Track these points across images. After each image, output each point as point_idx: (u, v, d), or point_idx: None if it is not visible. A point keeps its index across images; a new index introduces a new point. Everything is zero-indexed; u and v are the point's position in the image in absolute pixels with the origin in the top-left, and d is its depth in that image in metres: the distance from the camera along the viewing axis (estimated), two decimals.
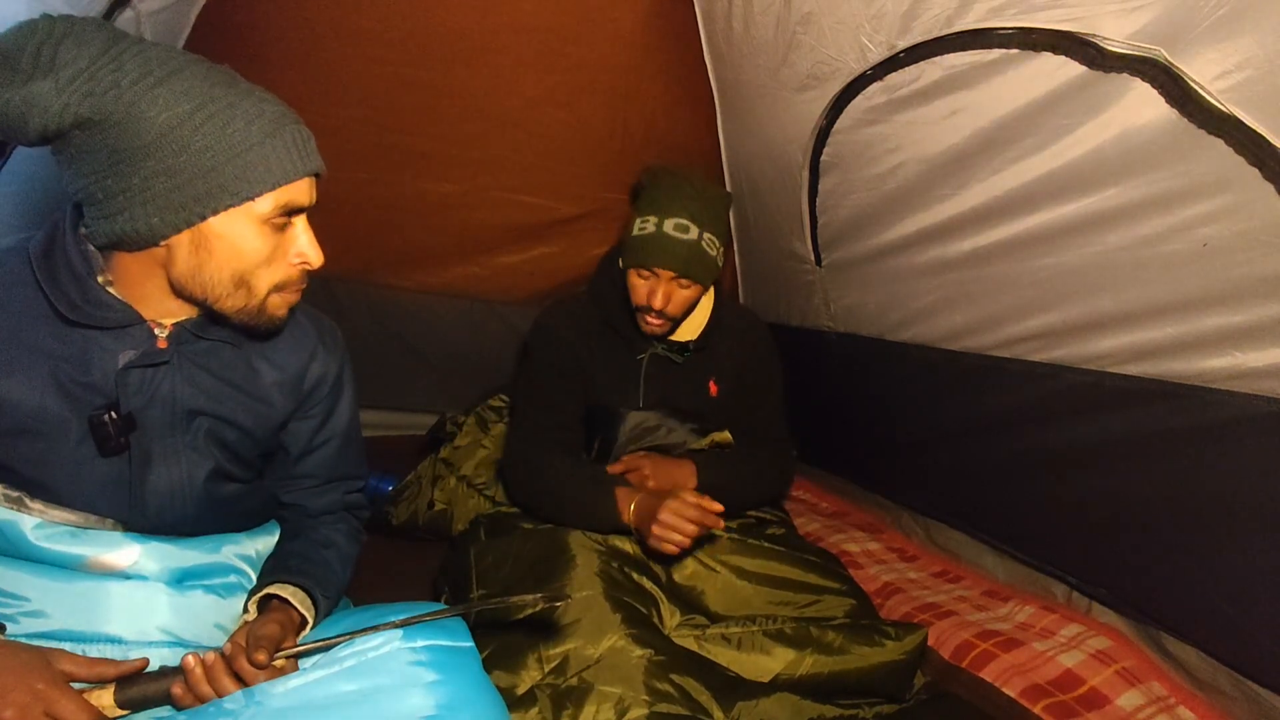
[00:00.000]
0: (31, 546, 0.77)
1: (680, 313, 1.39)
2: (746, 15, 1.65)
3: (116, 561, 0.79)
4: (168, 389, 0.82)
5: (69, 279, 0.78)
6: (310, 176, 0.81)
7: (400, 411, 2.38)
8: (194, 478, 0.85)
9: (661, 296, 1.35)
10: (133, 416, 0.80)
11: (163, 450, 0.83)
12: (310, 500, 1.01)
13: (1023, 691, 1.19)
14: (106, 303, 0.79)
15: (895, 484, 1.89)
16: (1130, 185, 1.04)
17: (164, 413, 0.82)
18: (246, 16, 1.81)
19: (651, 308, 1.36)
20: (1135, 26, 0.92)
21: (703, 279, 1.36)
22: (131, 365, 0.80)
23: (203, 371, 0.86)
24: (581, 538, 1.23)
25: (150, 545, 0.81)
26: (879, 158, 1.48)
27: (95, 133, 0.71)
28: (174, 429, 0.83)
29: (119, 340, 0.80)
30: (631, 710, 0.98)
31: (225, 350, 0.88)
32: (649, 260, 1.34)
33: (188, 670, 0.72)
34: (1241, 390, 1.03)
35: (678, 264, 1.33)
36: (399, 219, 2.23)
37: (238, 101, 0.75)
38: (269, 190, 0.77)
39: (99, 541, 0.79)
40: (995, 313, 1.39)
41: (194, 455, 0.85)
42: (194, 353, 0.85)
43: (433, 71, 2.01)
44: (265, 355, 0.92)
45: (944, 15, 1.15)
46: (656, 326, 1.39)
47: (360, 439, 1.06)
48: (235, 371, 0.89)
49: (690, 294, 1.37)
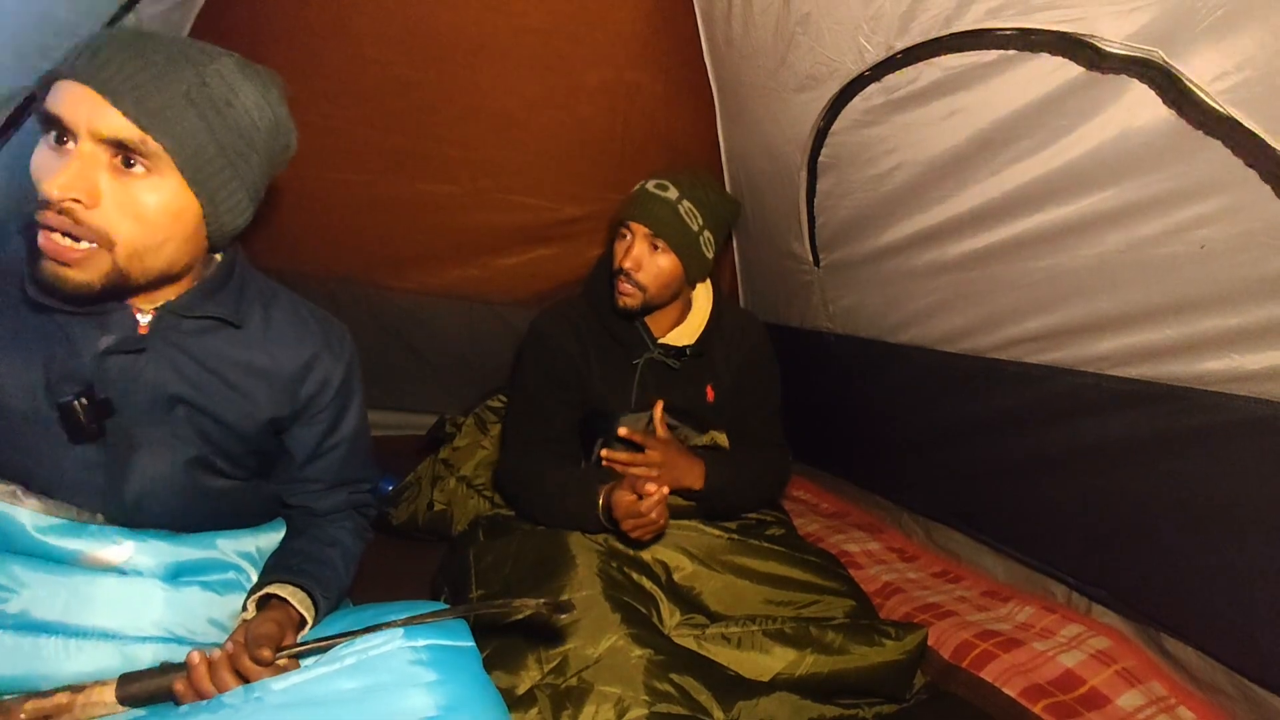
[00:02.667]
0: (29, 541, 0.77)
1: (652, 284, 1.36)
2: (746, 16, 1.65)
3: (111, 557, 0.79)
4: (149, 375, 0.81)
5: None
6: (78, 84, 0.69)
7: (400, 412, 2.38)
8: (174, 466, 0.83)
9: (632, 257, 1.33)
10: (109, 402, 0.78)
11: (143, 438, 0.82)
12: (316, 502, 1.00)
13: (1023, 691, 1.19)
14: None
15: (895, 484, 1.89)
16: (1128, 186, 1.04)
17: (145, 399, 0.81)
18: (246, 17, 1.81)
19: (621, 268, 1.35)
20: (1133, 27, 0.92)
21: (677, 245, 1.34)
22: (111, 350, 0.79)
23: (186, 357, 0.84)
24: (581, 538, 1.23)
25: (145, 541, 0.81)
26: (877, 159, 1.49)
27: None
28: (155, 416, 0.82)
29: (101, 325, 0.79)
30: (631, 710, 0.98)
31: (216, 334, 0.86)
32: (622, 213, 1.35)
33: (191, 666, 0.72)
34: (1240, 393, 1.03)
35: (648, 218, 1.33)
36: (398, 220, 2.23)
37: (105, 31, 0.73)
38: (43, 90, 0.70)
39: (94, 537, 0.79)
40: (994, 314, 1.39)
41: (175, 443, 0.83)
42: (179, 336, 0.83)
43: (432, 72, 2.00)
44: (261, 343, 0.90)
45: (942, 16, 1.15)
46: (626, 296, 1.37)
47: (368, 442, 1.05)
48: (222, 359, 0.86)
49: (664, 264, 1.36)
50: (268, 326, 0.91)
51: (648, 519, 1.16)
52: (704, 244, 1.39)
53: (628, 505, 1.16)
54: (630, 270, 1.35)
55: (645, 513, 1.15)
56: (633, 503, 1.15)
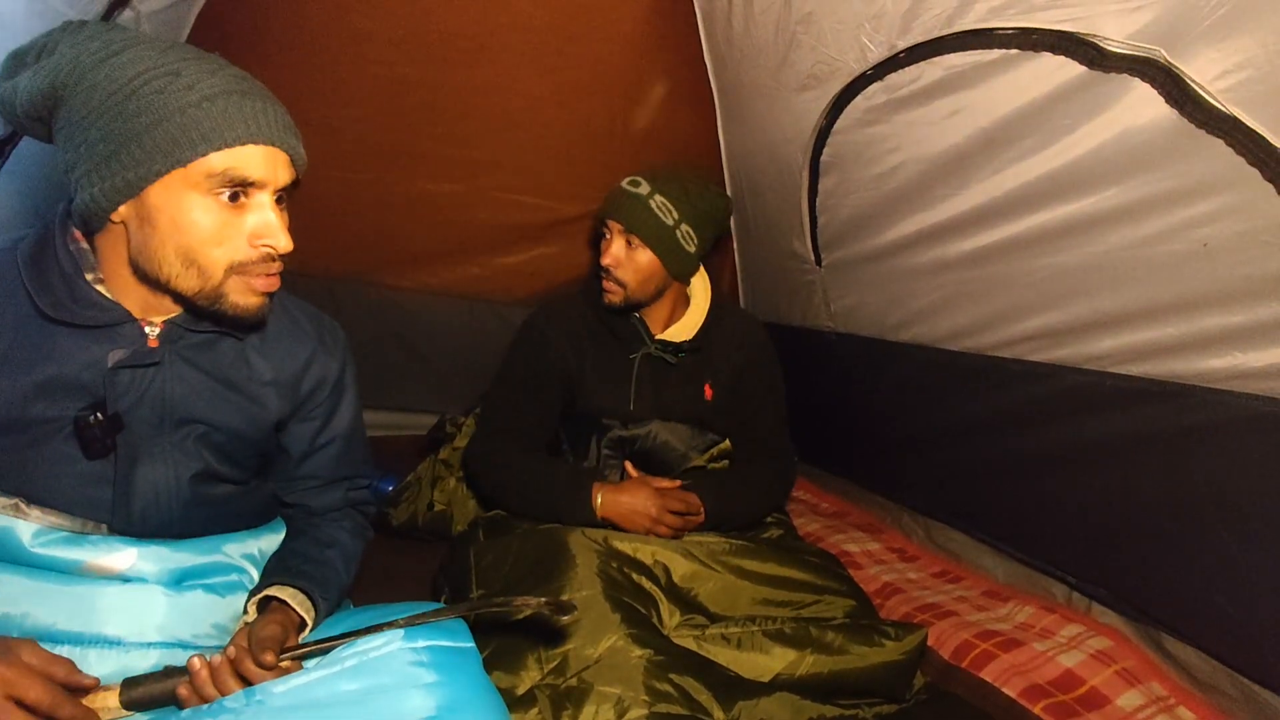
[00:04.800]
0: (29, 553, 0.77)
1: (632, 279, 1.40)
2: (746, 15, 1.65)
3: (113, 565, 0.79)
4: (158, 389, 0.81)
5: (58, 278, 0.77)
6: (264, 147, 0.75)
7: (400, 412, 2.38)
8: (180, 479, 0.84)
9: (611, 255, 1.39)
10: (119, 417, 0.79)
11: (149, 451, 0.82)
12: (313, 500, 1.01)
13: (1023, 692, 1.19)
14: (95, 301, 0.78)
15: (895, 484, 1.89)
16: (1130, 185, 1.04)
17: (152, 413, 0.81)
18: (246, 16, 1.81)
19: (602, 265, 1.40)
20: (1135, 27, 0.92)
21: (650, 240, 1.38)
22: (122, 365, 0.79)
23: (194, 369, 0.84)
24: (581, 538, 1.22)
25: (147, 548, 0.81)
26: (879, 158, 1.48)
27: (61, 109, 0.72)
28: (161, 430, 0.82)
29: (109, 340, 0.79)
30: (631, 710, 0.98)
31: (220, 345, 0.87)
32: (600, 212, 1.42)
33: (193, 672, 0.72)
34: (1242, 390, 1.03)
35: (620, 213, 1.38)
36: (399, 219, 2.23)
37: (184, 68, 0.72)
38: (200, 156, 0.72)
39: (95, 545, 0.79)
40: (995, 313, 1.39)
41: (180, 456, 0.84)
42: (186, 350, 0.84)
43: (432, 71, 2.00)
44: (262, 352, 0.91)
45: (944, 15, 1.15)
46: (610, 293, 1.42)
47: (363, 438, 1.05)
48: (229, 369, 0.87)
49: (642, 259, 1.39)
50: (264, 333, 0.91)
51: (669, 521, 1.32)
52: (682, 237, 1.40)
53: (658, 506, 1.33)
54: (611, 267, 1.39)
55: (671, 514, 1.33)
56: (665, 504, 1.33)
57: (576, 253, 2.31)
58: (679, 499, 1.35)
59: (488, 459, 1.46)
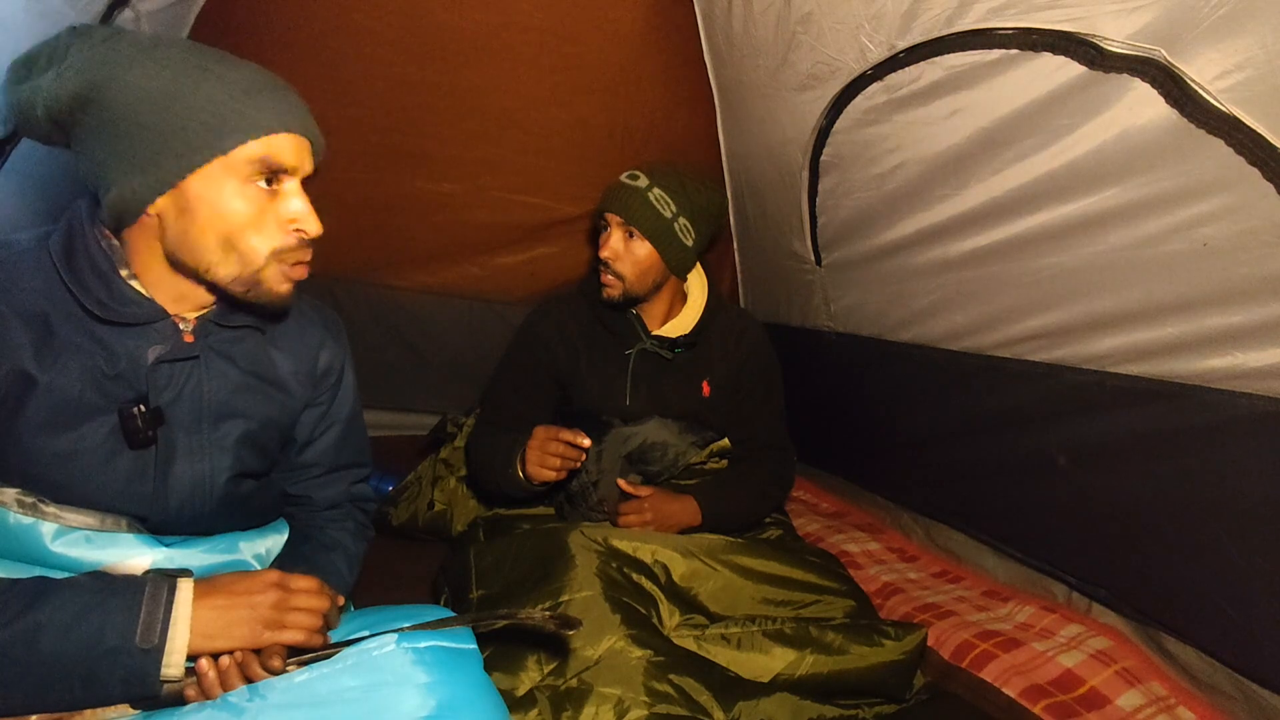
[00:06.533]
0: (50, 554, 0.77)
1: (631, 272, 1.41)
2: (746, 15, 1.65)
3: (133, 567, 0.79)
4: (195, 384, 0.84)
5: (93, 276, 0.78)
6: (294, 135, 0.80)
7: (400, 412, 2.38)
8: (216, 474, 0.85)
9: (610, 247, 1.40)
10: (161, 411, 0.81)
11: (187, 446, 0.83)
12: (317, 491, 1.02)
13: (1023, 692, 1.19)
14: (133, 299, 0.80)
15: (895, 484, 1.89)
16: (1130, 185, 1.04)
17: (191, 408, 0.83)
18: (246, 16, 1.81)
19: (600, 258, 1.41)
20: (1135, 27, 0.92)
21: (649, 232, 1.39)
22: (162, 360, 0.81)
23: (229, 364, 0.87)
24: (580, 538, 1.22)
25: (166, 550, 0.81)
26: (879, 158, 1.48)
27: (92, 110, 0.74)
28: (200, 425, 0.84)
29: (145, 336, 0.81)
30: (631, 711, 0.98)
31: (247, 340, 0.89)
32: (599, 207, 1.43)
33: (201, 674, 0.72)
34: (1242, 390, 1.03)
35: (619, 206, 1.39)
36: (399, 219, 2.23)
37: (215, 66, 0.76)
38: (240, 143, 0.76)
39: (116, 548, 0.79)
40: (995, 313, 1.39)
41: (217, 452, 0.85)
42: (219, 344, 0.86)
43: (433, 71, 2.00)
44: (279, 345, 0.94)
45: (944, 15, 1.15)
46: (608, 286, 1.43)
47: (362, 427, 1.08)
48: (257, 363, 0.90)
49: (641, 252, 1.40)
50: (282, 326, 0.95)
51: (548, 462, 1.28)
52: (680, 231, 1.41)
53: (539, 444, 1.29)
54: (609, 260, 1.40)
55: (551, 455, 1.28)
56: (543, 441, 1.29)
57: (576, 252, 2.31)
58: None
59: (468, 445, 1.53)
